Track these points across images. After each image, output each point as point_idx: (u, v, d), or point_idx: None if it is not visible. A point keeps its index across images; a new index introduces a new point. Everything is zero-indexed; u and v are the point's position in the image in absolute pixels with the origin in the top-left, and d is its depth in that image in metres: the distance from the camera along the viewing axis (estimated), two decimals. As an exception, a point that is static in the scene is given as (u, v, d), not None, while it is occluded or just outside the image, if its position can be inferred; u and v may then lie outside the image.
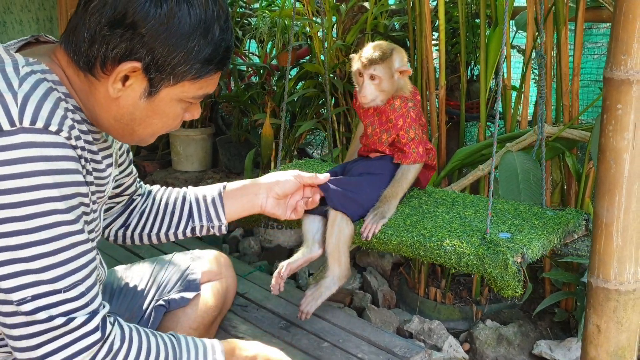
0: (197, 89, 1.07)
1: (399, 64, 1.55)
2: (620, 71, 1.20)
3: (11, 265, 0.91)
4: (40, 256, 0.92)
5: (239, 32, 3.48)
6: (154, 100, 1.05)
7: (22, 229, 0.90)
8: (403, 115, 1.59)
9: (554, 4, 2.06)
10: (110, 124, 1.08)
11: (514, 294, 1.35)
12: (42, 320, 0.94)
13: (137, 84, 1.03)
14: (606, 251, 1.28)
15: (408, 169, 1.59)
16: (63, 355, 0.97)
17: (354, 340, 1.63)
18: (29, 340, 0.95)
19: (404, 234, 1.49)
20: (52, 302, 0.94)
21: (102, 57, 1.00)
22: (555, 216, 1.55)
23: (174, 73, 1.02)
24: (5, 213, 0.89)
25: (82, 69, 1.03)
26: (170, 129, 1.14)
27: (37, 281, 0.93)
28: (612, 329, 1.31)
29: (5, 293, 0.92)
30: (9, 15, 3.45)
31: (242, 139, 3.59)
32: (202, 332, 1.55)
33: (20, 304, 0.92)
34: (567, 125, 2.10)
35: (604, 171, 1.26)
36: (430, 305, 2.45)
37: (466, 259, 1.38)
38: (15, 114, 0.91)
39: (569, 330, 2.28)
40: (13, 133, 0.89)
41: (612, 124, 1.23)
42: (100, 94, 1.04)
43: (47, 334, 0.95)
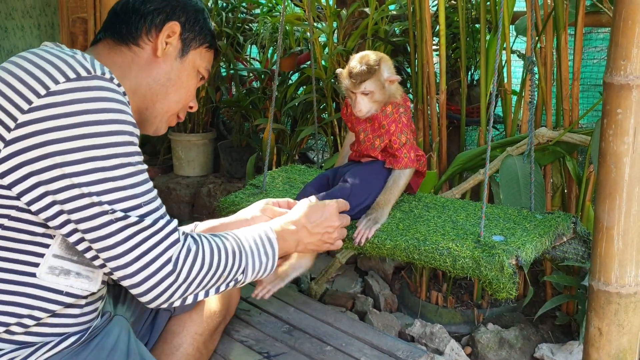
0: (207, 61, 1.35)
1: (388, 74, 1.54)
2: (620, 76, 1.22)
3: (107, 183, 1.07)
4: (128, 175, 1.09)
5: (240, 38, 3.50)
6: (184, 61, 1.30)
7: (110, 153, 1.07)
8: (395, 121, 1.59)
9: (554, 9, 2.08)
10: (148, 87, 1.28)
11: (509, 296, 1.35)
12: (133, 222, 1.09)
13: (174, 46, 1.29)
14: (607, 254, 1.29)
15: (400, 174, 1.59)
16: (153, 254, 1.11)
17: (356, 344, 1.64)
18: (123, 244, 1.09)
19: (397, 238, 1.49)
20: (141, 212, 1.10)
21: (148, 25, 1.26)
22: (545, 219, 1.56)
23: (200, 35, 1.31)
24: (96, 140, 1.06)
25: (127, 42, 1.26)
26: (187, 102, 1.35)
27: (127, 196, 1.09)
28: (613, 332, 1.32)
29: (99, 206, 1.06)
30: (11, 21, 3.47)
31: (244, 144, 3.61)
32: (207, 337, 1.56)
33: (114, 212, 1.07)
34: (568, 129, 2.11)
35: (605, 175, 1.27)
36: (431, 309, 2.45)
37: (462, 261, 1.38)
38: (89, 66, 1.09)
39: (570, 334, 2.28)
40: (90, 78, 1.08)
41: (613, 129, 1.24)
42: (143, 60, 1.27)
43: (139, 235, 1.09)
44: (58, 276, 1.15)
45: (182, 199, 3.61)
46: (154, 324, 1.54)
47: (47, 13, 3.53)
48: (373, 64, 1.52)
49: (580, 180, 2.15)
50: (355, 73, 1.52)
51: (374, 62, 1.53)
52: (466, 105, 2.51)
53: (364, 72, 1.51)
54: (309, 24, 2.26)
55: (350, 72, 1.53)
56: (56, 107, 1.03)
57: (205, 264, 1.17)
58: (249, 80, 3.88)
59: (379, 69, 1.53)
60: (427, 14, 2.34)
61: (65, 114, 1.04)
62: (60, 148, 1.04)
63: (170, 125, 1.38)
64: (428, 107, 2.44)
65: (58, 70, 1.06)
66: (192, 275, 1.15)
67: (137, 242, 1.09)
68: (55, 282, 1.15)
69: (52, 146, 1.04)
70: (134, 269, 1.10)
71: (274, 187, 1.91)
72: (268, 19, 3.37)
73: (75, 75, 1.06)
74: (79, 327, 1.23)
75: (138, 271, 1.10)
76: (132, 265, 1.10)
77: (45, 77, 1.05)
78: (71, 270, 1.16)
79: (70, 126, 1.04)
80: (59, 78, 1.05)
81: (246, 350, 1.62)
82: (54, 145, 1.04)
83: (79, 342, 1.22)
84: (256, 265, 1.26)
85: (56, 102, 1.04)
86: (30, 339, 1.17)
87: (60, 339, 1.20)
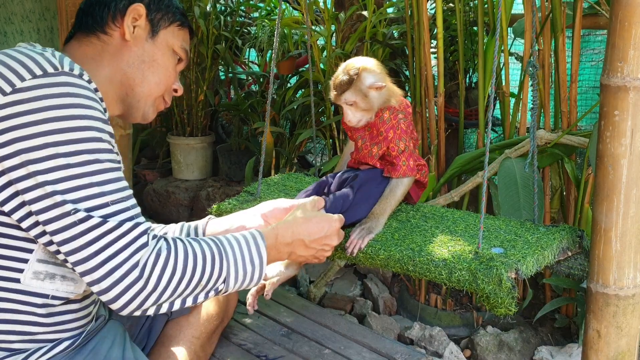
0: (182, 40, 1.34)
1: (370, 82, 1.50)
2: (617, 78, 1.21)
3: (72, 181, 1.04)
4: (95, 172, 1.06)
5: (238, 41, 3.50)
6: (156, 41, 1.29)
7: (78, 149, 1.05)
8: (393, 127, 1.55)
9: (551, 11, 2.08)
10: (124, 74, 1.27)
11: (507, 312, 1.27)
12: (97, 224, 1.05)
13: (142, 28, 1.27)
14: (605, 256, 1.29)
15: (397, 183, 1.54)
16: (119, 259, 1.06)
17: (355, 347, 1.64)
18: (87, 248, 1.05)
19: (392, 248, 1.42)
20: (105, 213, 1.06)
21: (113, 12, 1.25)
22: (549, 232, 1.49)
23: (167, 13, 1.30)
24: (62, 136, 1.04)
25: (95, 32, 1.25)
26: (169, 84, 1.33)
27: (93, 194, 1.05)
28: (612, 334, 1.31)
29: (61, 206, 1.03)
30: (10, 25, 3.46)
31: (242, 147, 3.61)
32: (204, 341, 1.55)
33: (77, 212, 1.04)
34: (566, 131, 2.11)
35: (602, 177, 1.27)
36: (430, 311, 2.45)
37: (458, 274, 1.31)
38: (56, 62, 1.08)
39: (569, 336, 2.28)
40: (56, 75, 1.07)
41: (610, 130, 1.24)
42: (113, 47, 1.26)
43: (103, 238, 1.05)
44: (43, 281, 1.14)
45: (181, 203, 3.61)
46: (152, 328, 1.53)
47: (46, 17, 3.53)
48: (352, 74, 1.49)
49: (578, 182, 2.15)
50: (336, 84, 1.51)
51: (353, 72, 1.49)
52: (464, 107, 2.51)
53: (343, 82, 1.49)
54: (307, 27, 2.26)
55: (333, 83, 1.53)
56: (22, 104, 1.03)
57: (178, 270, 1.10)
58: (248, 84, 3.88)
59: (359, 78, 1.49)
60: (425, 17, 2.34)
61: (31, 111, 1.03)
62: (26, 145, 1.03)
63: (158, 109, 1.34)
64: (426, 110, 2.44)
65: (24, 67, 1.06)
66: (162, 282, 1.08)
67: (102, 245, 1.05)
68: (40, 286, 1.14)
69: (19, 144, 1.03)
70: (100, 274, 1.05)
71: (269, 194, 1.88)
72: (266, 22, 3.37)
73: (42, 71, 1.06)
74: (72, 332, 1.23)
75: (104, 276, 1.05)
76: (97, 270, 1.05)
77: (11, 75, 1.05)
78: (56, 274, 1.15)
79: (35, 122, 1.03)
80: (25, 75, 1.05)
81: (244, 354, 1.61)
82: (21, 143, 1.03)
83: (73, 347, 1.22)
84: (239, 275, 1.18)
85: (22, 99, 1.03)
86: (22, 346, 1.16)
87: (54, 344, 1.19)
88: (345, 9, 2.92)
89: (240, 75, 3.78)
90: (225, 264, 1.16)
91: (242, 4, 3.71)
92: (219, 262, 1.15)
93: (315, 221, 1.32)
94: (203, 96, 3.61)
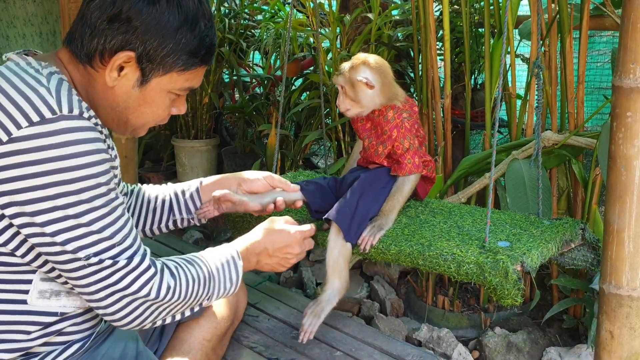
0: (184, 81, 1.21)
1: (362, 76, 1.56)
2: (630, 79, 1.22)
3: (74, 230, 1.06)
4: (96, 220, 1.08)
5: (243, 44, 3.50)
6: (145, 89, 1.18)
7: (77, 200, 1.05)
8: (397, 126, 1.59)
9: (558, 13, 2.08)
10: (107, 113, 1.21)
11: (514, 303, 1.34)
12: (107, 265, 1.10)
13: (130, 73, 1.16)
14: (618, 258, 1.29)
15: (404, 180, 1.59)
16: (130, 290, 1.13)
17: (366, 349, 1.64)
18: (99, 283, 1.10)
19: (402, 243, 1.48)
20: (114, 253, 1.10)
21: (101, 48, 1.13)
22: (553, 225, 1.55)
23: (163, 63, 1.16)
24: (61, 189, 1.03)
25: (82, 61, 1.16)
26: (160, 119, 1.26)
27: (98, 239, 1.09)
28: (625, 335, 1.31)
29: (72, 253, 1.07)
30: (12, 29, 3.47)
31: (247, 150, 3.61)
32: (215, 343, 1.55)
33: (88, 259, 1.08)
34: (573, 132, 2.12)
35: (615, 178, 1.28)
36: (438, 313, 2.45)
37: (466, 267, 1.37)
38: (53, 104, 1.03)
39: (578, 337, 2.28)
40: (55, 120, 1.02)
41: (622, 132, 1.24)
42: (98, 85, 1.17)
43: (114, 275, 1.11)
44: (49, 299, 1.15)
45: (186, 205, 3.61)
46: (163, 332, 1.53)
47: (49, 21, 3.54)
48: (353, 62, 1.58)
49: (586, 183, 2.15)
50: (339, 66, 1.61)
51: (354, 62, 1.58)
52: (470, 109, 2.51)
53: (343, 66, 1.60)
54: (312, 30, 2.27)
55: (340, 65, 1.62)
56: (20, 155, 1.01)
57: (182, 295, 1.21)
58: (252, 86, 3.88)
59: (355, 68, 1.57)
60: (432, 19, 2.35)
61: (30, 162, 1.01)
62: (25, 198, 1.02)
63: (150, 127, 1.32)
64: (433, 112, 2.44)
65: (20, 111, 1.02)
66: (168, 306, 1.20)
67: (112, 281, 1.11)
68: (47, 305, 1.16)
69: (18, 195, 1.02)
70: (107, 303, 1.13)
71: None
72: (271, 25, 3.38)
73: (39, 117, 1.01)
74: (82, 334, 1.23)
75: (111, 305, 1.13)
76: (105, 300, 1.13)
77: (6, 120, 1.01)
78: (61, 291, 1.17)
79: (34, 175, 1.01)
80: (21, 122, 1.01)
81: (256, 357, 1.62)
82: (20, 195, 1.02)
83: (84, 349, 1.22)
84: (220, 291, 1.31)
85: (20, 149, 1.01)
86: (33, 351, 1.17)
87: (65, 346, 1.20)
88: (350, 11, 2.92)
89: (245, 78, 3.78)
90: (211, 284, 1.29)
91: (247, 7, 3.71)
92: (209, 284, 1.28)
93: (278, 232, 1.43)
94: (207, 99, 3.61)
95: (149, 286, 1.14)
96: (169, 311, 1.22)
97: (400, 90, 1.65)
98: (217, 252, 1.34)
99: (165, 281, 1.18)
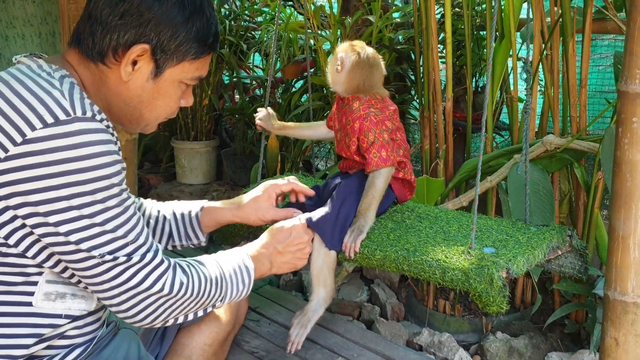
0: (195, 70, 1.23)
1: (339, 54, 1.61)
2: (636, 85, 1.21)
3: (89, 230, 1.07)
4: (110, 219, 1.09)
5: (243, 46, 3.50)
6: (159, 81, 1.20)
7: (92, 200, 1.06)
8: (361, 118, 1.58)
9: (561, 16, 2.07)
10: (120, 109, 1.22)
11: (499, 310, 1.31)
12: (122, 262, 1.11)
13: (144, 67, 1.17)
14: (623, 264, 1.28)
15: (374, 176, 1.56)
16: (143, 286, 1.14)
17: (367, 354, 1.63)
18: (111, 282, 1.12)
19: (387, 248, 1.47)
20: (127, 251, 1.12)
21: (114, 44, 1.14)
22: (539, 232, 1.53)
23: (177, 53, 1.18)
24: (76, 189, 1.04)
25: (94, 60, 1.16)
26: (171, 112, 1.28)
27: (112, 238, 1.10)
28: (630, 342, 1.31)
29: (86, 252, 1.08)
30: (12, 29, 3.45)
31: (247, 152, 3.60)
32: (217, 348, 1.54)
33: (102, 256, 1.09)
34: (575, 136, 2.11)
35: (620, 184, 1.27)
36: (439, 317, 2.44)
37: (450, 273, 1.35)
38: (67, 106, 1.04)
39: (579, 342, 2.27)
40: (69, 122, 1.03)
41: (628, 137, 1.24)
42: (111, 81, 1.18)
43: (128, 270, 1.12)
44: (54, 301, 1.15)
45: (186, 207, 3.60)
46: (164, 336, 1.52)
47: (48, 21, 3.52)
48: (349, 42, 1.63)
49: (588, 187, 2.14)
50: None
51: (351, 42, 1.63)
52: (472, 112, 2.51)
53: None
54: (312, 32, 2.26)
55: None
56: (34, 156, 1.01)
57: (194, 293, 1.22)
58: (252, 88, 3.87)
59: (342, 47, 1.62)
60: (434, 22, 2.34)
61: (44, 164, 1.02)
62: (39, 198, 1.03)
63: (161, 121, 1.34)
64: (434, 115, 2.43)
65: (34, 113, 1.02)
66: (180, 303, 1.21)
67: (126, 278, 1.13)
68: (52, 307, 1.15)
69: (32, 196, 1.03)
70: (121, 300, 1.14)
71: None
72: (271, 27, 3.37)
73: (54, 119, 1.02)
74: (84, 338, 1.23)
75: (125, 301, 1.15)
76: (119, 297, 1.14)
77: (21, 122, 1.02)
78: (66, 293, 1.17)
79: (48, 176, 1.02)
80: (35, 123, 1.02)
81: (257, 362, 1.61)
82: (33, 195, 1.03)
83: (86, 353, 1.22)
84: (233, 293, 1.33)
85: (34, 150, 1.01)
86: (37, 354, 1.17)
87: (67, 351, 1.20)
88: (351, 13, 2.91)
89: (245, 80, 3.77)
90: (224, 285, 1.30)
91: (247, 9, 3.70)
92: (221, 284, 1.29)
93: (278, 229, 1.47)
94: (207, 100, 3.60)
95: (162, 281, 1.16)
96: (182, 309, 1.23)
97: (382, 90, 1.64)
98: (229, 255, 1.36)
99: (177, 277, 1.19)
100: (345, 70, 1.59)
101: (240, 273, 1.34)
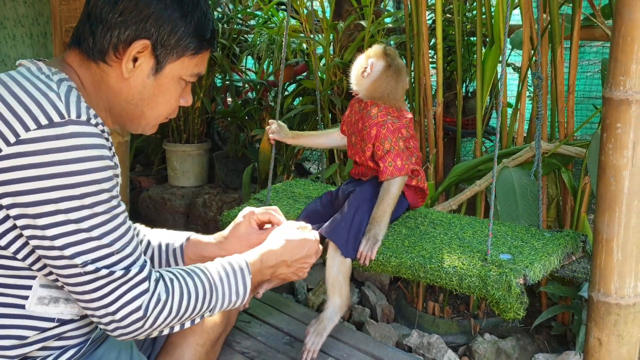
0: (194, 66, 1.24)
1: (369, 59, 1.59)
2: (620, 91, 1.24)
3: (74, 235, 1.06)
4: (97, 226, 1.07)
5: (236, 49, 3.51)
6: (159, 77, 1.20)
7: (79, 205, 1.05)
8: (378, 124, 1.57)
9: (550, 23, 2.11)
10: (122, 108, 1.22)
11: (516, 317, 1.32)
12: (103, 275, 1.09)
13: (145, 63, 1.18)
14: (607, 266, 1.31)
15: (389, 184, 1.56)
16: (123, 300, 1.11)
17: (358, 355, 1.65)
18: (93, 293, 1.10)
19: (402, 255, 1.47)
20: (111, 262, 1.09)
21: (115, 41, 1.15)
22: (554, 237, 1.54)
23: (177, 47, 1.19)
24: (64, 192, 1.03)
25: (95, 59, 1.17)
26: (171, 110, 1.28)
27: (97, 246, 1.08)
28: (613, 342, 1.33)
29: (69, 259, 1.07)
30: (2, 30, 3.45)
31: (239, 155, 3.61)
32: (209, 348, 1.55)
33: (84, 266, 1.07)
34: (563, 141, 2.14)
35: (604, 188, 1.30)
36: (428, 319, 2.47)
37: (468, 280, 1.36)
38: (62, 108, 1.04)
39: (565, 344, 2.30)
40: (63, 124, 1.03)
41: (612, 142, 1.27)
42: (112, 80, 1.18)
43: (109, 285, 1.10)
44: (48, 305, 1.15)
45: (177, 210, 3.61)
46: (156, 337, 1.53)
47: (39, 22, 3.52)
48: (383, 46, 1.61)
49: (575, 191, 2.18)
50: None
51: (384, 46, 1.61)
52: (462, 117, 2.54)
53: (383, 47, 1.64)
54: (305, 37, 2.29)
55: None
56: (26, 157, 1.01)
57: (173, 310, 1.18)
58: (245, 91, 3.89)
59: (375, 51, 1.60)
60: (425, 28, 2.37)
61: (35, 165, 1.01)
62: (29, 200, 1.03)
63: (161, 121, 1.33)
64: (425, 119, 2.46)
65: (29, 113, 1.03)
66: (159, 321, 1.17)
67: (108, 291, 1.10)
68: (45, 311, 1.16)
69: (22, 197, 1.03)
70: (102, 313, 1.12)
71: (278, 201, 1.91)
72: (264, 30, 3.39)
73: (48, 121, 1.02)
74: (77, 340, 1.23)
75: (105, 315, 1.12)
76: (100, 310, 1.12)
77: (15, 123, 1.02)
78: (59, 297, 1.17)
79: (38, 177, 1.02)
80: (29, 124, 1.02)
81: (248, 362, 1.62)
82: (24, 197, 1.02)
83: (79, 354, 1.23)
84: (225, 303, 1.28)
85: (26, 151, 1.01)
86: (31, 355, 1.17)
87: (60, 352, 1.20)
88: (344, 18, 2.94)
89: (237, 83, 3.79)
90: (214, 297, 1.25)
91: (240, 12, 3.72)
92: (209, 297, 1.24)
93: (299, 242, 1.39)
94: (200, 103, 3.62)
95: (138, 301, 1.13)
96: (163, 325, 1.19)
97: (402, 102, 1.64)
98: (224, 262, 1.30)
99: (156, 296, 1.15)
100: (372, 77, 1.58)
101: (235, 283, 1.28)
